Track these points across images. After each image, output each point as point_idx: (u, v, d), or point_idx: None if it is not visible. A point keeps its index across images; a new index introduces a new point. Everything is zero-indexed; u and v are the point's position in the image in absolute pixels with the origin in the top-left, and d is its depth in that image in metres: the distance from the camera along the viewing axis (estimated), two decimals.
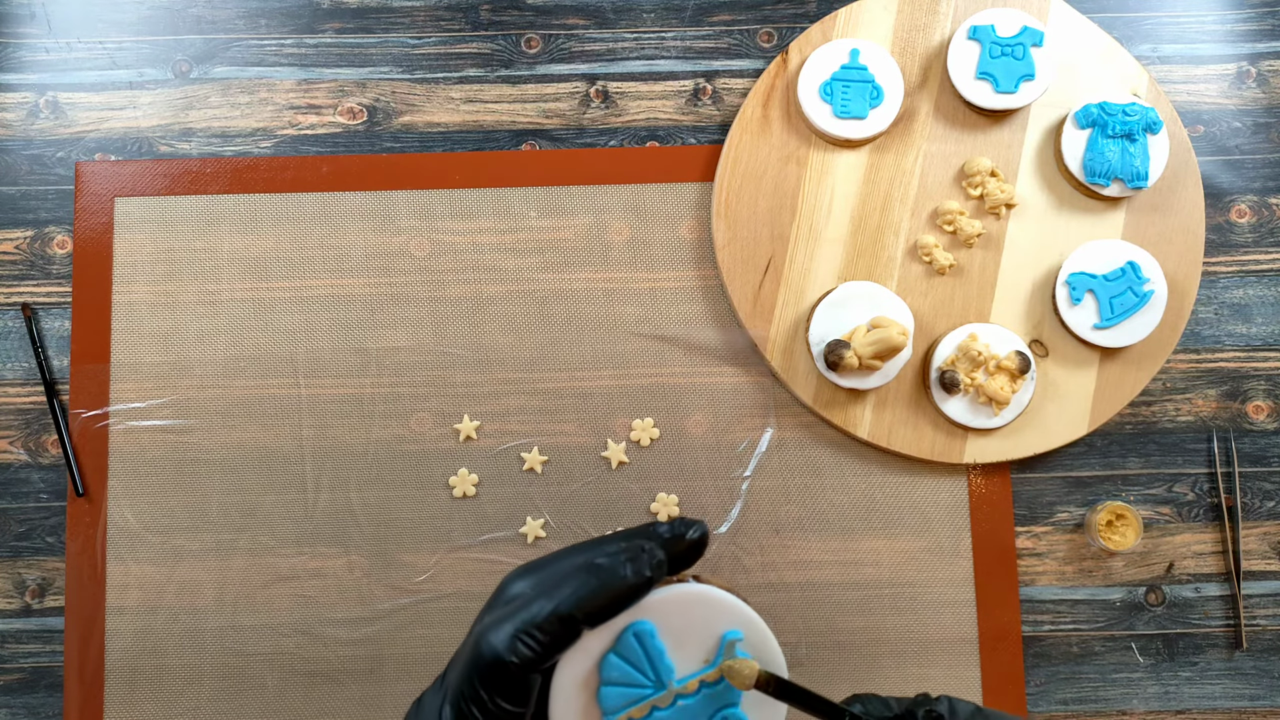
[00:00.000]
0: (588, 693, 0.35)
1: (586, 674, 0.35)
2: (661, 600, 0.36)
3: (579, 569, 0.34)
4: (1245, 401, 0.76)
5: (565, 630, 0.33)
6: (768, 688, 0.37)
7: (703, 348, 0.75)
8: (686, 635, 0.36)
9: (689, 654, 0.36)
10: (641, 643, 0.35)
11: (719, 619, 0.36)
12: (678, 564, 0.36)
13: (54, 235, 0.76)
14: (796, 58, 0.76)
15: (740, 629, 0.36)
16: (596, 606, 0.33)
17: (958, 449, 0.74)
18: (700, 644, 0.36)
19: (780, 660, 0.37)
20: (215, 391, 0.74)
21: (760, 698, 0.36)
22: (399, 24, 0.79)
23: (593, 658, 0.35)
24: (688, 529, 0.36)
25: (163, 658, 0.72)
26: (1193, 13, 0.80)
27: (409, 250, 0.76)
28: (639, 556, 0.34)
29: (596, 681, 0.35)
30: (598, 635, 0.35)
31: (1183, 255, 0.76)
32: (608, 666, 0.35)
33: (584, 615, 0.33)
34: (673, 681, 0.36)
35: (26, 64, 0.78)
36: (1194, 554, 0.75)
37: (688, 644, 0.36)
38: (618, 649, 0.35)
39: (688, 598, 0.36)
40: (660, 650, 0.35)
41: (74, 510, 0.73)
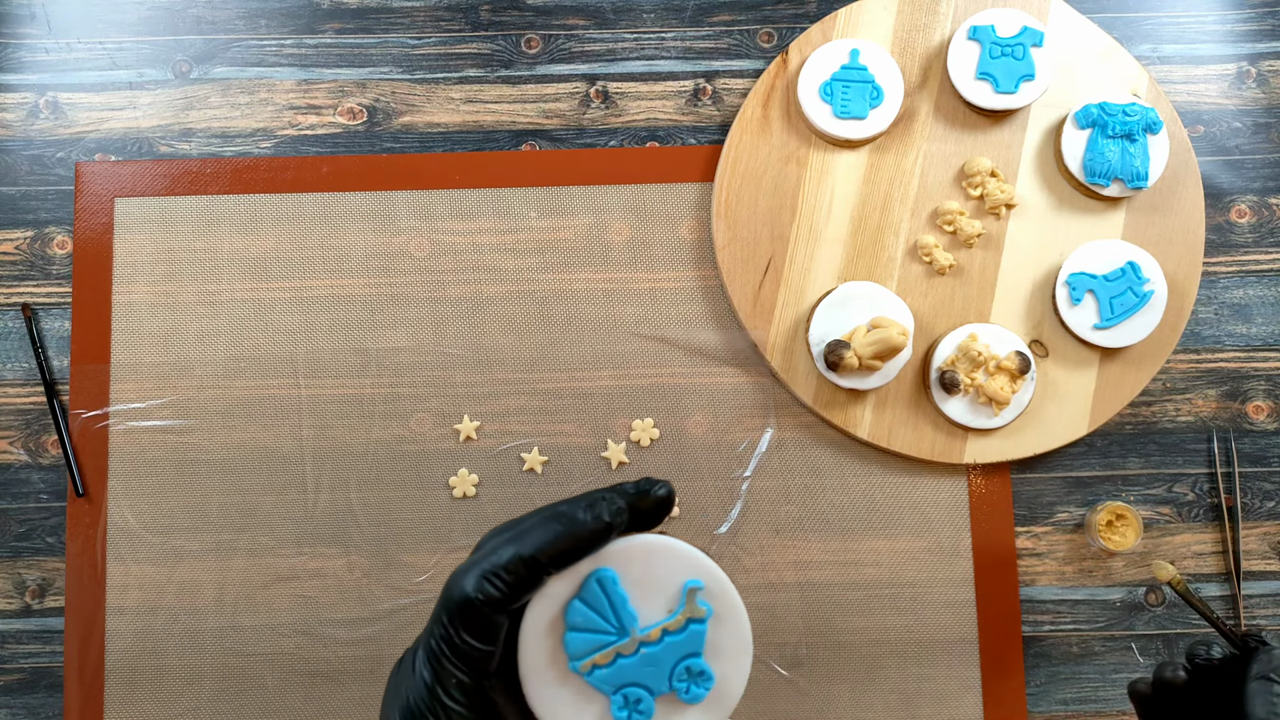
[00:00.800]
0: (554, 638, 0.36)
1: (552, 619, 0.36)
2: (623, 549, 0.36)
3: (545, 517, 0.35)
4: (1245, 402, 0.76)
5: (528, 571, 0.34)
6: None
7: (703, 348, 0.75)
8: (649, 584, 0.37)
9: (652, 602, 0.37)
10: (604, 589, 0.36)
11: (680, 568, 0.37)
12: (643, 520, 0.37)
13: (54, 235, 0.76)
14: (796, 58, 0.76)
15: (700, 578, 0.37)
16: (558, 550, 0.34)
17: (958, 449, 0.74)
18: (662, 592, 0.37)
19: (742, 614, 0.37)
20: (215, 392, 0.74)
21: (721, 647, 0.37)
22: (399, 24, 0.79)
23: (559, 604, 0.36)
24: (653, 486, 0.37)
25: (163, 658, 0.72)
26: (1193, 13, 0.80)
27: (409, 251, 0.76)
28: (598, 504, 0.35)
29: (563, 628, 0.36)
30: (564, 581, 0.36)
31: (1183, 255, 0.76)
32: (572, 612, 0.36)
33: (546, 558, 0.34)
34: (636, 629, 0.36)
35: (26, 64, 0.78)
36: (1194, 554, 0.75)
37: (650, 593, 0.37)
38: (582, 595, 0.36)
39: (648, 547, 0.37)
40: (623, 597, 0.36)
41: (74, 510, 0.73)
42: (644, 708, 0.36)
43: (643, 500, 0.37)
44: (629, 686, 0.36)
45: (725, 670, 0.37)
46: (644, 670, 0.36)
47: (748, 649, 0.37)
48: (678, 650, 0.36)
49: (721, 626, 0.37)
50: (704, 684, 0.36)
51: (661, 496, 0.37)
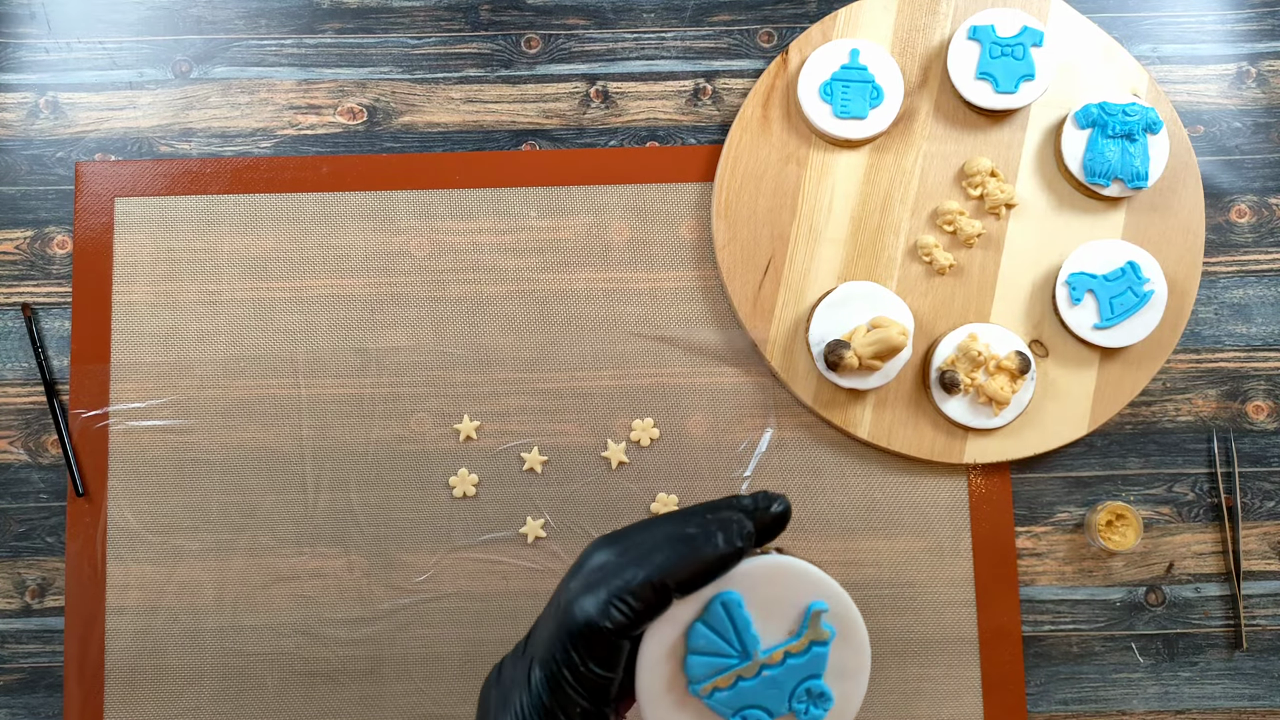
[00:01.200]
0: (674, 661, 0.36)
1: (673, 643, 0.36)
2: (748, 571, 0.36)
3: (669, 538, 0.35)
4: (1245, 401, 0.76)
5: (657, 597, 0.33)
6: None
7: (703, 348, 0.75)
8: (772, 606, 0.36)
9: (774, 625, 0.36)
10: (729, 612, 0.36)
11: (804, 590, 0.37)
12: (760, 537, 0.37)
13: (54, 235, 0.76)
14: (796, 58, 0.76)
15: (825, 600, 0.37)
16: (688, 575, 0.34)
17: (958, 449, 0.74)
18: (785, 615, 0.37)
19: (863, 634, 0.37)
20: (215, 391, 0.74)
21: (841, 667, 0.37)
22: (399, 24, 0.79)
23: (680, 627, 0.36)
24: (771, 502, 0.37)
25: (162, 658, 0.72)
26: (1193, 13, 0.80)
27: (409, 250, 0.76)
28: (729, 527, 0.35)
29: (683, 650, 0.36)
30: (685, 605, 0.36)
31: (1183, 255, 0.76)
32: (695, 636, 0.36)
33: (676, 583, 0.34)
34: (758, 651, 0.36)
35: (26, 64, 0.78)
36: (1194, 554, 0.75)
37: (773, 615, 0.36)
38: (705, 619, 0.36)
39: (774, 569, 0.37)
40: (747, 620, 0.36)
41: (74, 510, 0.73)
42: None
43: (763, 517, 0.37)
44: (748, 709, 0.36)
45: (844, 690, 0.37)
46: (764, 693, 0.36)
47: (866, 668, 0.37)
48: (799, 672, 0.36)
49: (843, 647, 0.37)
50: (823, 705, 0.36)
51: (778, 514, 0.37)
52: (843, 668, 0.37)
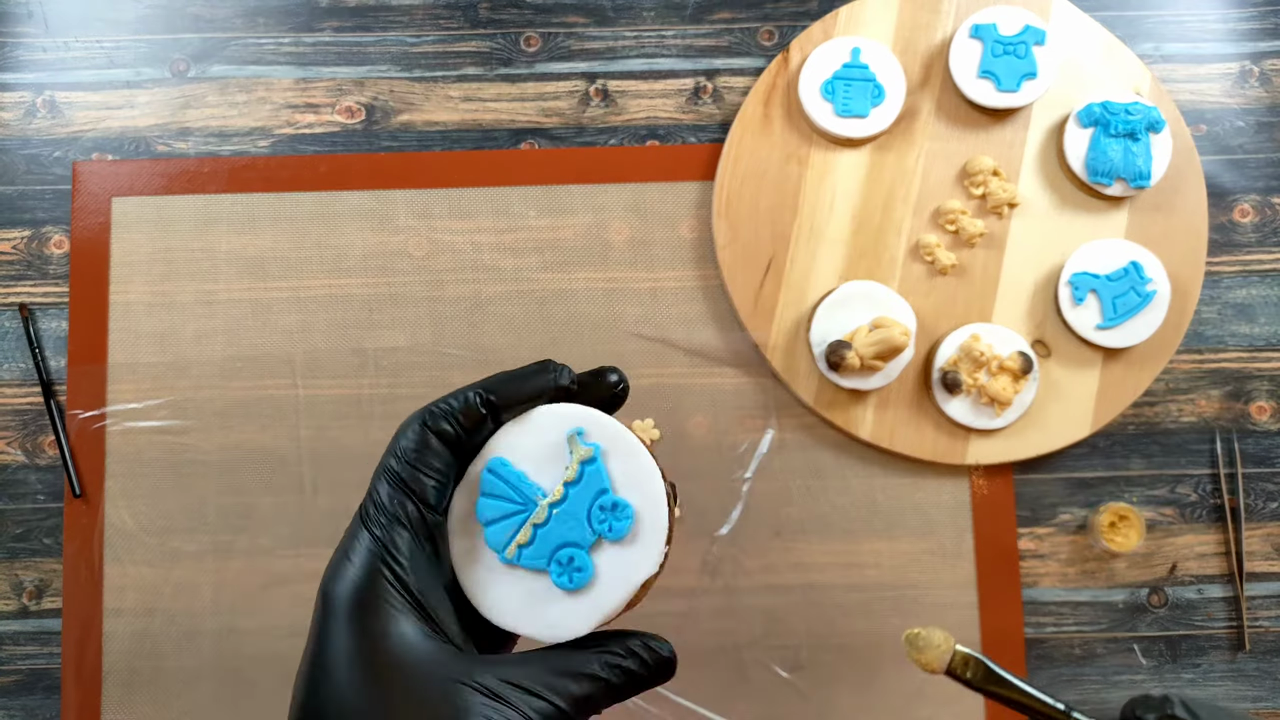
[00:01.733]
0: (479, 541, 0.37)
1: (472, 529, 0.37)
2: (504, 434, 0.37)
3: (497, 374, 0.37)
4: (1248, 402, 0.76)
5: (476, 409, 0.35)
6: (965, 674, 0.40)
7: (703, 348, 0.75)
8: (539, 454, 0.37)
9: (548, 469, 0.37)
10: (500, 475, 0.37)
11: (560, 426, 0.37)
12: (601, 406, 0.38)
13: (51, 235, 0.76)
14: (798, 56, 0.76)
15: (578, 425, 0.37)
16: (505, 391, 0.36)
17: (960, 450, 0.73)
18: (554, 456, 0.37)
19: (629, 438, 0.37)
20: (212, 392, 0.74)
21: (628, 478, 0.37)
22: (397, 22, 0.79)
23: (470, 507, 0.37)
24: (609, 373, 0.38)
25: (160, 659, 0.72)
26: (1195, 11, 0.80)
27: (407, 250, 0.76)
28: (552, 365, 0.37)
29: (479, 528, 0.37)
30: (465, 496, 0.37)
31: (1185, 255, 0.75)
32: (482, 509, 0.37)
33: (499, 398, 0.36)
34: (540, 496, 0.37)
35: (23, 63, 0.78)
36: (1197, 555, 0.74)
37: (543, 461, 0.37)
38: (484, 491, 0.37)
39: (529, 420, 0.38)
40: (519, 475, 0.37)
41: (71, 511, 0.73)
42: (579, 563, 0.36)
43: (599, 388, 0.38)
44: (557, 551, 0.36)
45: (639, 498, 0.36)
46: (563, 529, 0.36)
47: (651, 473, 0.37)
48: (585, 496, 0.36)
49: (618, 460, 0.37)
50: (622, 513, 0.36)
51: (612, 383, 0.38)
52: (628, 477, 0.37)
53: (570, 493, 0.36)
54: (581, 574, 0.36)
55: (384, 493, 0.34)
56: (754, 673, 0.72)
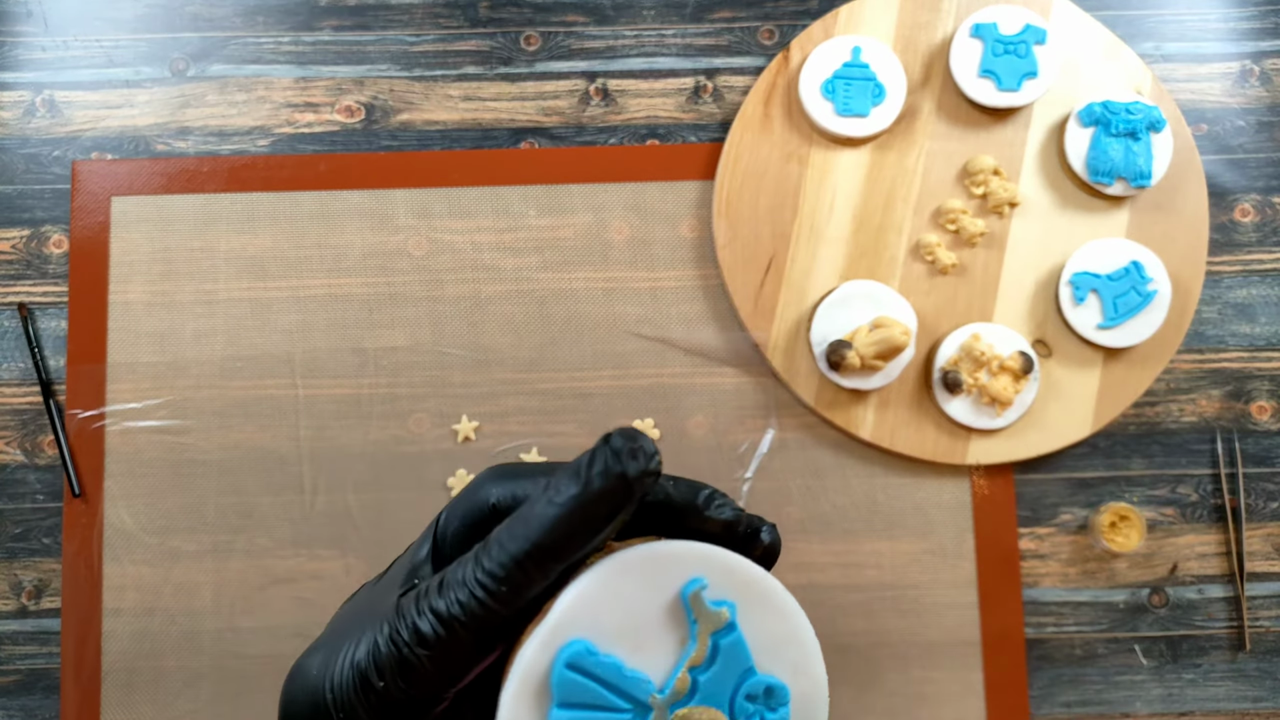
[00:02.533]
0: None
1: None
2: (579, 601, 0.24)
3: (550, 498, 0.24)
4: (1249, 402, 0.76)
5: (530, 578, 0.24)
6: None
7: (703, 348, 0.75)
8: (637, 625, 0.25)
9: (655, 646, 0.25)
10: (585, 671, 0.24)
11: (665, 579, 0.25)
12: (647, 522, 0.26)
13: (50, 234, 0.76)
14: (798, 55, 0.76)
15: (698, 574, 0.25)
16: (560, 537, 0.23)
17: (960, 450, 0.73)
18: (662, 625, 0.25)
19: (769, 583, 0.26)
20: (212, 392, 0.74)
21: (772, 641, 0.26)
22: (397, 21, 0.79)
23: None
24: (756, 525, 0.26)
25: (159, 660, 0.71)
26: (1196, 10, 0.80)
27: (407, 249, 0.76)
28: (615, 452, 0.23)
29: None
30: (529, 700, 0.24)
31: (1186, 255, 0.75)
32: None
33: (556, 548, 0.23)
34: (655, 694, 0.24)
35: (23, 62, 0.78)
36: (1197, 555, 0.74)
37: (646, 635, 0.25)
38: (561, 701, 0.24)
39: (610, 574, 0.24)
40: (615, 665, 0.24)
41: (70, 511, 0.73)
42: None
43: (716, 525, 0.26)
44: None
45: (792, 664, 0.26)
46: None
47: (800, 621, 0.26)
48: (724, 680, 0.25)
49: (758, 614, 0.25)
50: (779, 699, 0.25)
51: (764, 544, 0.26)
52: (774, 639, 0.26)
53: (701, 680, 0.25)
54: None
55: (382, 669, 0.24)
56: None
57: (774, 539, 0.26)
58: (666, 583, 0.25)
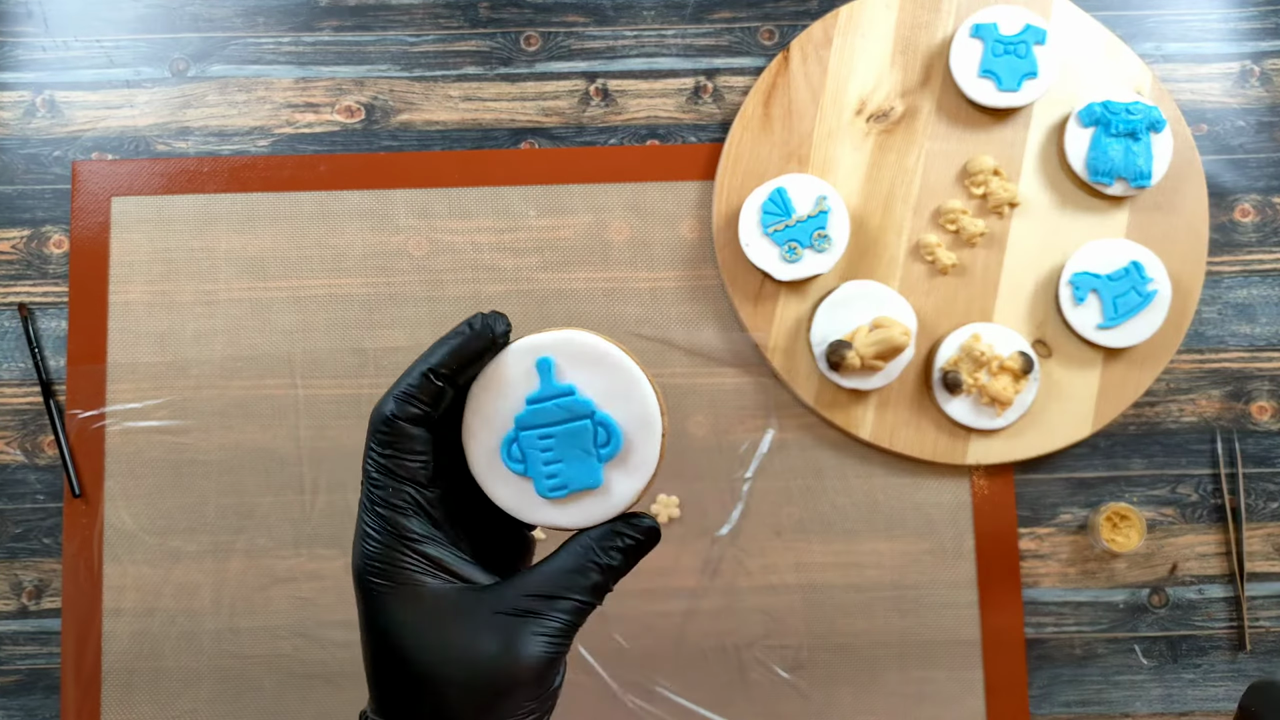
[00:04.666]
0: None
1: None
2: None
3: (441, 339, 0.39)
4: (1249, 402, 0.76)
5: (434, 386, 0.37)
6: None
7: (704, 348, 0.75)
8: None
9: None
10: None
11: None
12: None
13: (50, 235, 0.76)
14: (798, 56, 0.76)
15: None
16: (454, 363, 0.38)
17: (960, 450, 0.73)
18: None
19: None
20: (212, 392, 0.74)
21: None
22: (397, 22, 0.79)
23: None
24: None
25: (160, 659, 0.71)
26: (1196, 11, 0.80)
27: (407, 249, 0.76)
28: (484, 319, 0.39)
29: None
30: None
31: (1186, 255, 0.75)
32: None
33: (448, 369, 0.38)
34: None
35: (23, 63, 0.78)
36: (1197, 555, 0.74)
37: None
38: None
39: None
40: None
41: (70, 511, 0.73)
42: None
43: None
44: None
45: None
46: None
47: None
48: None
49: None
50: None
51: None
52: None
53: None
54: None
55: (378, 481, 0.37)
56: (754, 672, 0.72)
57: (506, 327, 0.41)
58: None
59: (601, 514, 0.38)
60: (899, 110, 0.76)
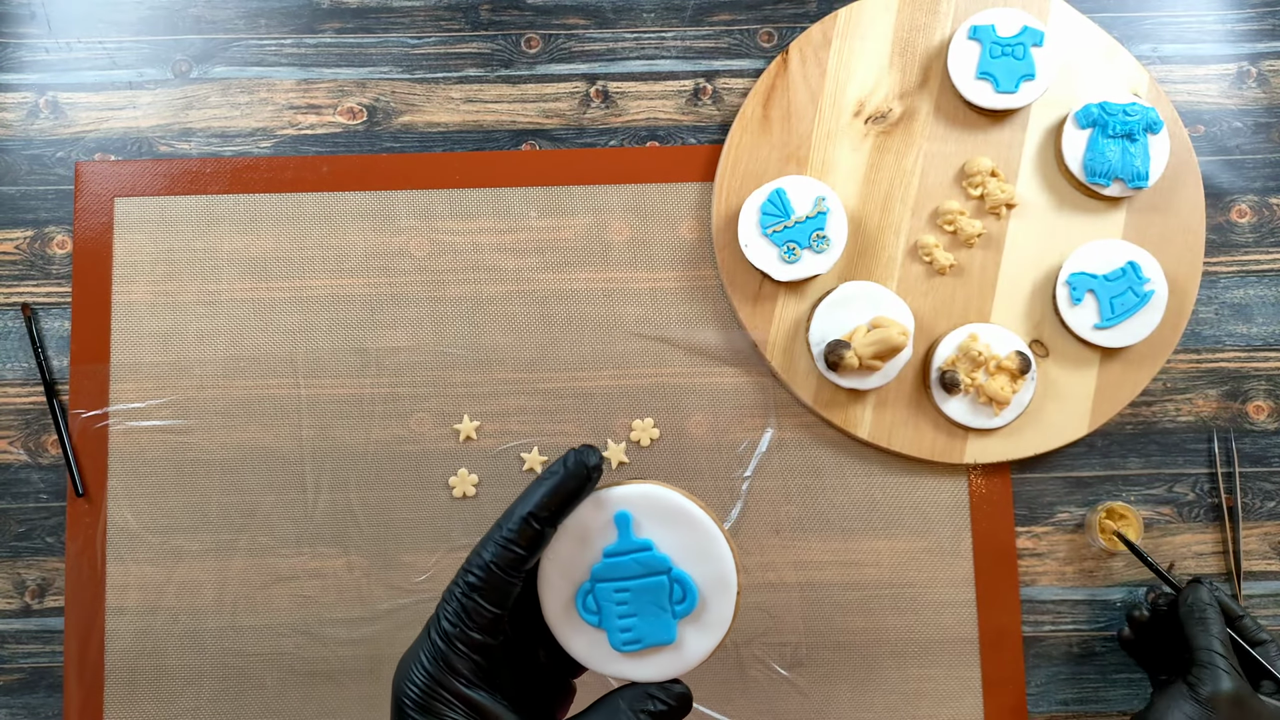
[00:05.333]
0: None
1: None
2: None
3: (538, 480, 0.39)
4: (1246, 401, 0.76)
5: (532, 530, 0.38)
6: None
7: (703, 348, 0.75)
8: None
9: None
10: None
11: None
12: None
13: (54, 235, 0.76)
14: (797, 58, 0.76)
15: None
16: (551, 504, 0.38)
17: (958, 449, 0.74)
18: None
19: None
20: (215, 392, 0.74)
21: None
22: (399, 24, 0.79)
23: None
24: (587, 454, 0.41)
25: (162, 658, 0.72)
26: (1193, 12, 0.80)
27: (409, 250, 0.76)
28: (580, 455, 0.39)
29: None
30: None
31: (1183, 255, 0.75)
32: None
33: (546, 513, 0.38)
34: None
35: (26, 64, 0.78)
36: (1194, 554, 0.75)
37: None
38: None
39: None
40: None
41: (74, 510, 0.73)
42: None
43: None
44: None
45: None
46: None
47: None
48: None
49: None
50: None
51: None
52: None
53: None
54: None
55: (449, 615, 0.38)
56: (753, 670, 0.72)
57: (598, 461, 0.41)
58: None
59: (673, 670, 0.39)
60: (897, 112, 0.76)
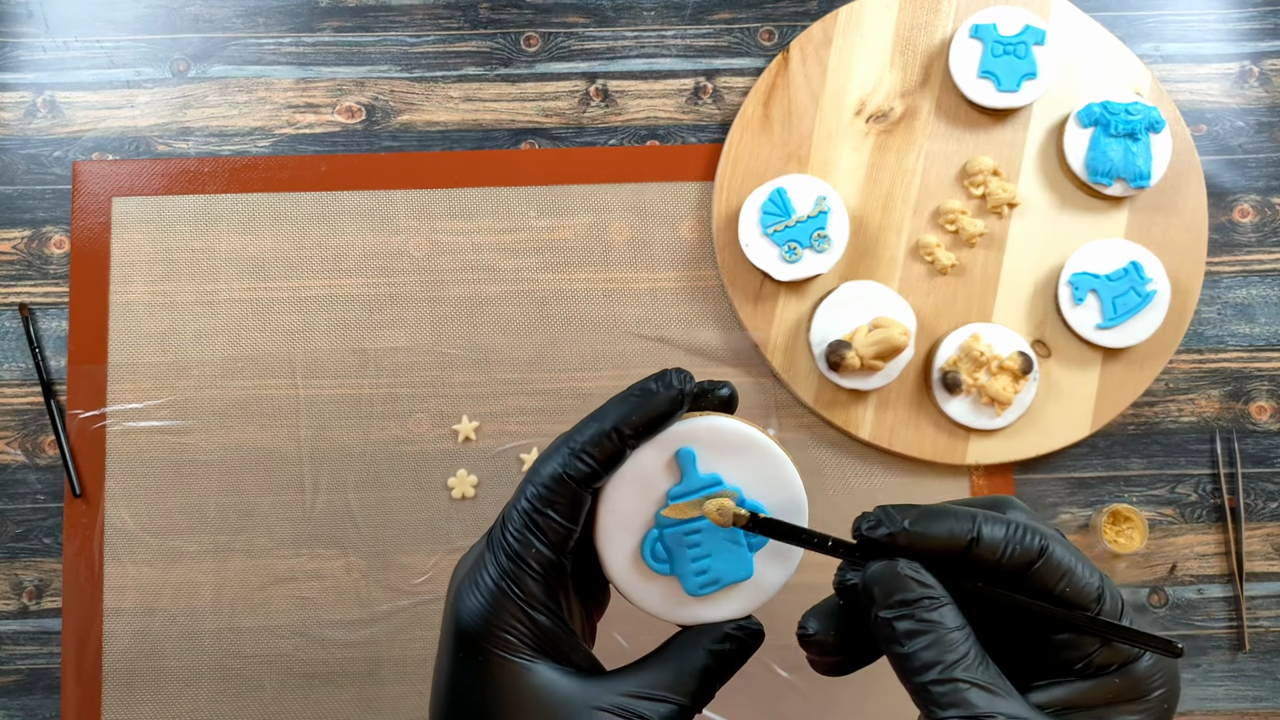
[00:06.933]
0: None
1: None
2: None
3: (619, 398, 0.36)
4: (1248, 402, 0.76)
5: (612, 444, 0.35)
6: (747, 525, 0.37)
7: (703, 348, 0.75)
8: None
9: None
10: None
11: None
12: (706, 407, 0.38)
13: (51, 235, 0.76)
14: (798, 56, 0.76)
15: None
16: (637, 422, 0.35)
17: (960, 450, 0.73)
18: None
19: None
20: (213, 392, 0.74)
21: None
22: (397, 22, 0.79)
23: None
24: (715, 387, 0.38)
25: (160, 659, 0.72)
26: (1195, 11, 0.80)
27: (408, 250, 0.76)
28: (668, 375, 0.36)
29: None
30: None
31: (1185, 255, 0.75)
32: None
33: (630, 429, 0.35)
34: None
35: (24, 63, 0.78)
36: (1197, 555, 0.74)
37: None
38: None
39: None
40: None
41: (71, 511, 0.73)
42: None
43: (704, 399, 0.38)
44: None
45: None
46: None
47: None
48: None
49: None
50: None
51: (724, 397, 0.38)
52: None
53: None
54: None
55: (514, 530, 0.35)
56: (754, 671, 0.72)
57: (730, 392, 0.39)
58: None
59: (754, 604, 0.38)
60: (898, 111, 0.76)
